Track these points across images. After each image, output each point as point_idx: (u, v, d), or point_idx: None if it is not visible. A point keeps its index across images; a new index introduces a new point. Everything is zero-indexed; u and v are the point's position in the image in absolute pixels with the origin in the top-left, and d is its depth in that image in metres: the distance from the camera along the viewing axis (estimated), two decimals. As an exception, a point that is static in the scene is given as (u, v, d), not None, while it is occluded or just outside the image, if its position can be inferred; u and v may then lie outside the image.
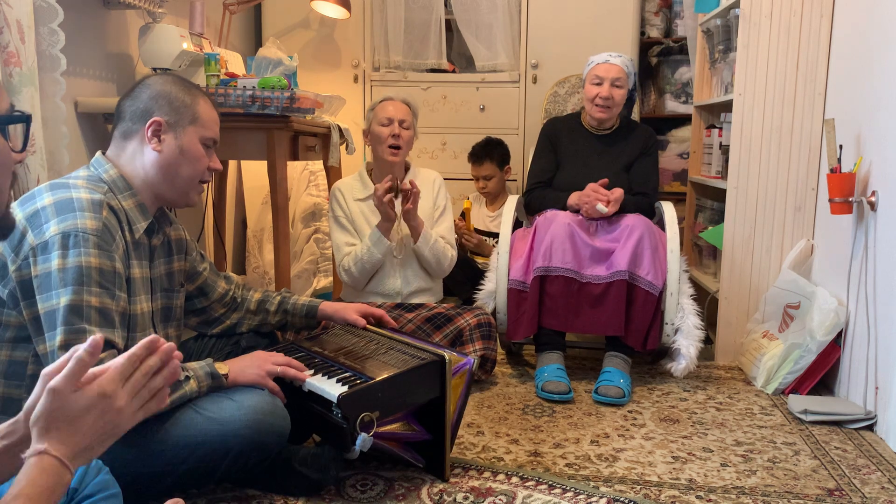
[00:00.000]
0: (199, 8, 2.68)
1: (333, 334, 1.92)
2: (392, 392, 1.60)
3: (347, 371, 1.65)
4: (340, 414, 1.52)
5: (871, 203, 2.20)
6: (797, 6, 2.59)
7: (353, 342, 1.85)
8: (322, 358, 1.75)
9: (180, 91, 1.57)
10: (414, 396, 1.66)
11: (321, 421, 1.60)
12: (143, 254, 1.56)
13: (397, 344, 1.79)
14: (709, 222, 3.13)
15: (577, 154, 2.78)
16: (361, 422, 1.53)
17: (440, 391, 1.69)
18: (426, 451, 1.77)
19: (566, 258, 2.47)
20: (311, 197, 3.41)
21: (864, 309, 2.23)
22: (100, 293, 1.37)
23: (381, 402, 1.58)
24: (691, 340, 2.45)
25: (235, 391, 1.53)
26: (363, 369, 1.64)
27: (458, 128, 3.54)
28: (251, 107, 2.30)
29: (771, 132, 2.67)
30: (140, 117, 1.54)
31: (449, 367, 1.68)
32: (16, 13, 1.82)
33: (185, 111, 1.55)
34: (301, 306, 1.94)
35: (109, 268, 1.40)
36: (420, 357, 1.69)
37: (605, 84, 2.68)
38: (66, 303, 1.34)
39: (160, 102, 1.54)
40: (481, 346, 2.38)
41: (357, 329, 1.93)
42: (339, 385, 1.57)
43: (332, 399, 1.53)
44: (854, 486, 1.78)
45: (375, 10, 3.54)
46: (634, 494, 1.71)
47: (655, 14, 3.78)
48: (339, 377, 1.61)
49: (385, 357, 1.72)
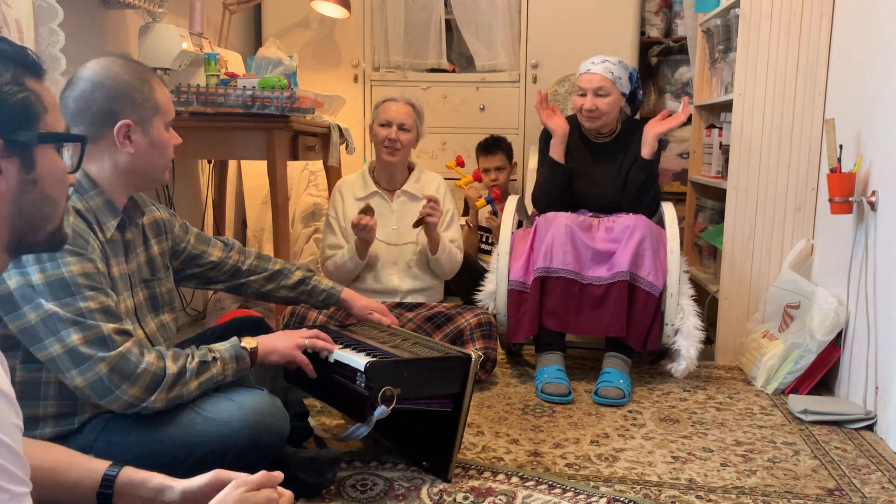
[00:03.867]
0: (199, 8, 2.68)
1: (361, 325, 1.98)
2: (416, 375, 1.65)
3: (376, 350, 1.70)
4: (364, 383, 1.57)
5: (871, 203, 2.20)
6: (797, 6, 2.59)
7: (381, 334, 1.91)
8: (351, 339, 1.80)
9: (135, 81, 1.48)
10: (435, 386, 1.70)
11: (343, 391, 1.64)
12: (118, 250, 1.53)
13: (424, 340, 1.86)
14: (709, 222, 3.13)
15: (577, 166, 2.72)
16: (383, 395, 1.57)
17: (461, 388, 1.72)
18: (433, 452, 1.78)
19: (567, 259, 2.47)
20: (311, 197, 3.41)
21: (864, 309, 2.23)
22: (94, 295, 1.37)
23: (405, 381, 1.62)
24: (691, 341, 2.45)
25: (235, 391, 1.53)
26: (391, 351, 1.71)
27: (458, 128, 3.54)
28: (251, 107, 2.30)
29: (771, 132, 2.67)
30: (103, 121, 1.45)
31: (475, 366, 1.72)
32: (15, 13, 1.82)
33: (147, 104, 1.49)
34: (321, 291, 1.94)
35: (93, 269, 1.39)
36: (447, 351, 1.75)
37: (588, 95, 2.62)
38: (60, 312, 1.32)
39: (121, 102, 1.46)
40: (482, 345, 2.38)
41: (384, 327, 1.97)
42: (367, 356, 1.62)
43: (360, 367, 1.58)
44: (854, 486, 1.78)
45: (375, 9, 3.54)
46: (634, 494, 1.71)
47: (655, 14, 3.78)
48: (368, 351, 1.67)
49: (413, 348, 1.78)
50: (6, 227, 0.89)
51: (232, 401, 1.50)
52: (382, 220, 2.53)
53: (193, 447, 1.45)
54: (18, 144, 0.88)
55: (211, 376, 1.47)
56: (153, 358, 1.39)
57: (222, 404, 1.49)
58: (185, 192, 3.01)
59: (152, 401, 1.39)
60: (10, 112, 0.87)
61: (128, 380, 1.35)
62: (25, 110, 0.89)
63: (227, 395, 1.51)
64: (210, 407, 1.48)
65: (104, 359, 1.33)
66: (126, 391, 1.35)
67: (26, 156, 0.89)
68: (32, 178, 0.90)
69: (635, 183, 2.63)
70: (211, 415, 1.47)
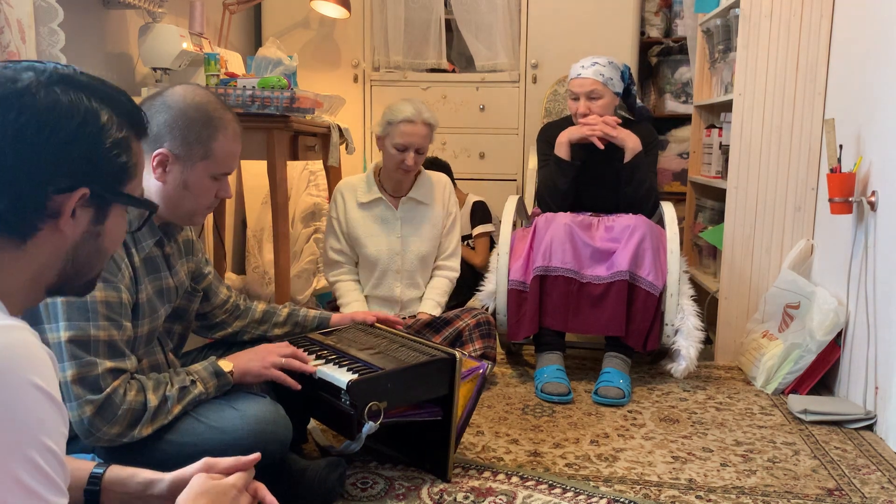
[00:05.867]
0: (199, 8, 2.68)
1: (347, 330, 1.95)
2: (401, 384, 1.63)
3: (358, 362, 1.67)
4: (349, 401, 1.55)
5: (870, 203, 2.20)
6: (797, 6, 2.59)
7: (365, 339, 1.88)
8: (334, 350, 1.77)
9: (200, 120, 1.46)
10: (422, 391, 1.68)
11: (329, 409, 1.62)
12: (158, 266, 1.53)
13: (409, 342, 1.82)
14: (709, 222, 3.13)
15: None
16: (369, 410, 1.56)
17: (449, 389, 1.70)
18: (428, 452, 1.78)
19: (566, 258, 2.47)
20: (311, 197, 3.41)
21: (864, 309, 2.23)
22: (107, 326, 1.36)
23: (390, 393, 1.60)
24: (691, 341, 2.45)
25: (238, 399, 1.53)
26: (374, 361, 1.67)
27: (458, 128, 3.54)
28: (251, 106, 2.30)
29: (771, 132, 2.67)
30: (153, 141, 1.45)
31: (459, 366, 1.70)
32: (16, 13, 1.82)
33: (197, 147, 1.46)
34: (312, 318, 1.94)
35: (116, 299, 1.38)
36: (431, 354, 1.72)
37: (581, 100, 2.63)
38: (69, 337, 1.32)
39: (174, 133, 1.44)
40: (481, 345, 2.38)
41: (370, 328, 1.95)
42: (350, 373, 1.60)
43: (342, 386, 1.55)
44: (854, 486, 1.78)
45: (375, 9, 3.54)
46: (634, 494, 1.71)
47: (655, 14, 3.78)
48: (350, 367, 1.64)
49: (397, 353, 1.75)
50: (56, 271, 0.89)
51: (234, 409, 1.50)
52: (387, 227, 2.50)
53: (195, 455, 1.44)
54: (101, 198, 0.89)
55: (193, 398, 1.47)
56: (133, 394, 1.37)
57: (225, 412, 1.49)
58: (185, 192, 3.00)
59: (136, 434, 1.37)
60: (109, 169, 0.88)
61: (108, 422, 1.34)
62: (122, 172, 0.90)
63: (229, 403, 1.51)
64: (212, 415, 1.48)
65: (91, 402, 1.32)
66: (107, 433, 1.34)
67: (101, 210, 0.90)
68: (98, 230, 0.91)
69: (626, 191, 2.63)
70: (213, 423, 1.47)
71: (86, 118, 0.85)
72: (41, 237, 0.85)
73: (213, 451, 1.44)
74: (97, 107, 0.87)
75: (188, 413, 1.47)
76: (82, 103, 0.85)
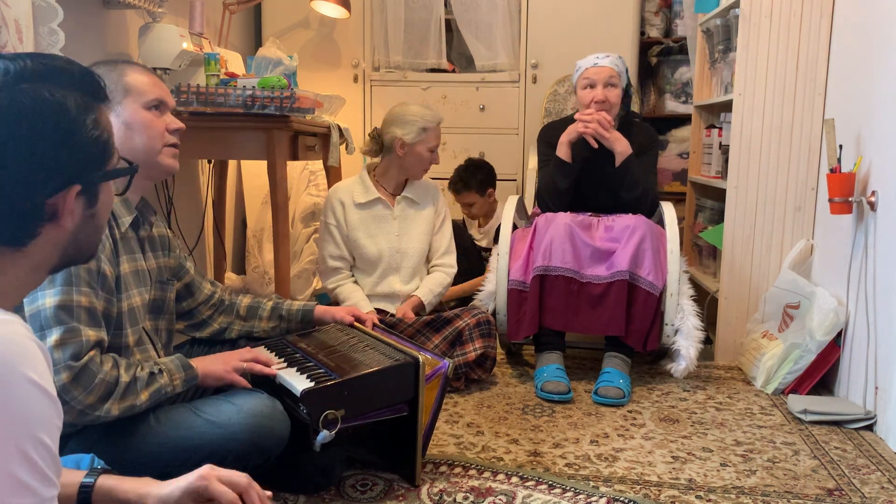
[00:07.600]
0: (199, 8, 2.68)
1: (325, 331, 1.93)
2: (360, 391, 1.58)
3: (321, 368, 1.64)
4: (305, 409, 1.52)
5: (870, 203, 2.20)
6: (797, 6, 2.59)
7: (340, 340, 1.85)
8: (303, 354, 1.75)
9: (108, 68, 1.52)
10: (384, 397, 1.63)
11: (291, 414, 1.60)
12: (132, 247, 1.55)
13: (379, 344, 1.78)
14: (709, 222, 3.13)
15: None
16: (325, 419, 1.52)
17: (413, 393, 1.67)
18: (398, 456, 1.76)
19: (566, 258, 2.47)
20: (311, 197, 3.41)
21: (864, 309, 2.23)
22: (88, 293, 1.38)
23: (348, 401, 1.56)
24: (691, 341, 2.45)
25: (235, 394, 1.53)
26: (336, 367, 1.64)
27: (459, 128, 3.54)
28: (251, 107, 2.30)
29: (771, 132, 2.67)
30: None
31: (422, 369, 1.66)
32: (14, 13, 1.82)
33: (116, 90, 1.50)
34: (296, 311, 1.93)
35: (96, 268, 1.41)
36: (394, 358, 1.67)
37: (598, 87, 2.61)
38: (55, 303, 1.34)
39: None
40: (481, 344, 2.38)
41: (347, 328, 1.93)
42: (308, 381, 1.57)
43: (297, 394, 1.53)
44: (854, 486, 1.78)
45: (375, 9, 3.54)
46: (634, 494, 1.71)
47: (655, 14, 3.78)
48: (311, 373, 1.61)
49: (362, 356, 1.71)
50: (58, 254, 0.90)
51: (232, 403, 1.50)
52: (384, 226, 2.55)
53: (193, 450, 1.45)
54: (91, 184, 0.88)
55: (160, 387, 1.46)
56: (108, 366, 1.38)
57: (222, 407, 1.49)
58: (185, 192, 3.00)
59: (106, 409, 1.36)
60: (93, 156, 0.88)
61: (85, 389, 1.34)
62: (104, 152, 0.90)
63: (227, 398, 1.52)
64: (210, 409, 1.49)
65: (70, 367, 1.32)
66: (82, 401, 1.34)
67: (92, 193, 0.90)
68: (93, 213, 0.91)
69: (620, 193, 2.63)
70: (211, 417, 1.47)
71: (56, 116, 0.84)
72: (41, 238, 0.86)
73: (211, 445, 1.45)
74: (61, 96, 0.84)
75: (186, 407, 1.48)
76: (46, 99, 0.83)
